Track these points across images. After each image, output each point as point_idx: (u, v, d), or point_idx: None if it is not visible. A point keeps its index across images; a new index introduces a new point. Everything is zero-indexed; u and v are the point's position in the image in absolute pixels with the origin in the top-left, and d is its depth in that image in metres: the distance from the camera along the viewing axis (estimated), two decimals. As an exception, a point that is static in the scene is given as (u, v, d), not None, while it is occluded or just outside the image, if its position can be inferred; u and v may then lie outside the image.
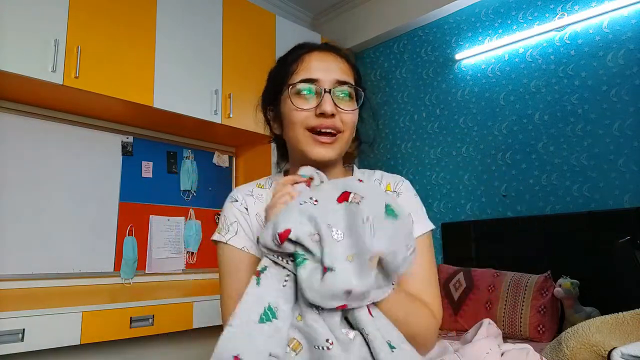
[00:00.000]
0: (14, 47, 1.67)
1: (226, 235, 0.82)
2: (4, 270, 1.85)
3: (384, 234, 0.59)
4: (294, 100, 0.77)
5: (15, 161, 1.94)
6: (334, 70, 0.79)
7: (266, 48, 2.59)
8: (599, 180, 2.02)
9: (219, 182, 2.71)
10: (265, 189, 0.89)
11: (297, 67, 0.79)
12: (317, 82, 0.77)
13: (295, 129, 0.78)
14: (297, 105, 0.77)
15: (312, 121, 0.76)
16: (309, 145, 0.77)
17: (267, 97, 0.88)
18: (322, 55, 0.81)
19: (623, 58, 2.00)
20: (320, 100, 0.76)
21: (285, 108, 0.80)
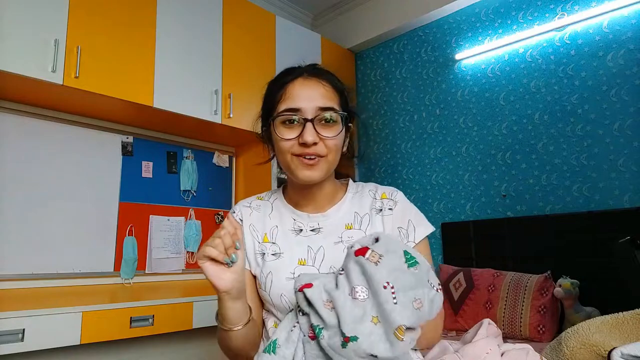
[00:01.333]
0: (14, 47, 1.66)
1: None
2: (4, 270, 1.85)
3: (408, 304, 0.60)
4: (279, 130, 0.82)
5: (15, 161, 1.94)
6: (316, 98, 0.81)
7: (266, 48, 2.59)
8: (599, 180, 2.02)
9: (219, 182, 2.71)
10: (264, 200, 0.95)
11: (281, 97, 0.83)
12: (299, 112, 0.80)
13: (283, 154, 0.83)
14: (281, 135, 0.81)
15: (296, 149, 0.81)
16: (296, 169, 0.82)
17: (261, 120, 0.92)
18: (305, 82, 0.83)
19: (623, 58, 2.00)
20: (302, 130, 0.79)
21: (273, 135, 0.84)
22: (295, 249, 0.86)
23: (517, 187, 2.29)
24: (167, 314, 1.87)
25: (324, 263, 0.84)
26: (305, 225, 0.89)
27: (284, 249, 0.86)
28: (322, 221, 0.89)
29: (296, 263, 0.84)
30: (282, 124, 0.82)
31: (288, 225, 0.89)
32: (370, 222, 0.88)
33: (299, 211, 0.90)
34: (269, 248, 0.87)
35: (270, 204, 0.94)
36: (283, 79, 0.86)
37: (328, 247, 0.85)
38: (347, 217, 0.89)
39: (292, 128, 0.81)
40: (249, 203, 0.94)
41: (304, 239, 0.87)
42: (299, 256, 0.85)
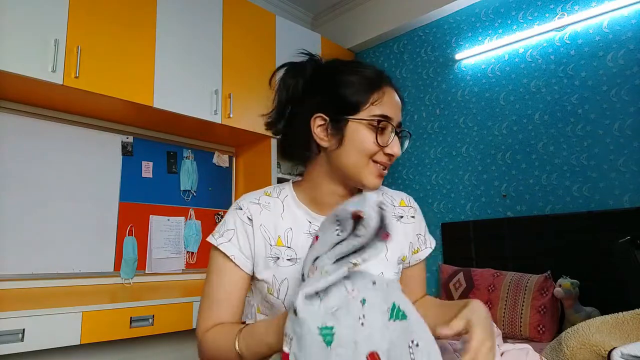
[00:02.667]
0: (14, 47, 1.67)
1: (219, 240, 0.84)
2: (4, 270, 1.85)
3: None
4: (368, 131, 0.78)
5: (15, 161, 1.94)
6: (400, 113, 0.82)
7: (266, 48, 2.59)
8: (599, 180, 2.02)
9: (219, 182, 2.71)
10: (273, 197, 0.87)
11: (378, 99, 0.79)
12: (391, 120, 0.79)
13: (359, 156, 0.78)
14: (377, 140, 0.77)
15: (380, 157, 0.79)
16: (369, 175, 0.79)
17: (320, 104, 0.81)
18: (394, 93, 0.82)
19: (623, 58, 2.00)
20: (391, 141, 0.79)
21: (357, 133, 0.78)
22: None
23: (517, 187, 2.29)
24: (167, 314, 1.87)
25: None
26: None
27: (300, 254, 0.81)
28: None
29: None
30: (371, 125, 0.77)
31: (303, 227, 0.83)
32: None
33: (315, 213, 0.84)
34: (284, 252, 0.81)
35: (280, 202, 0.87)
36: (379, 79, 0.81)
37: None
38: None
39: (382, 135, 0.78)
40: (257, 199, 0.86)
41: None
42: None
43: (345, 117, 0.78)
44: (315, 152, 0.84)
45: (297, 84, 0.85)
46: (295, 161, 0.90)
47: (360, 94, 0.78)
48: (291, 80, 0.85)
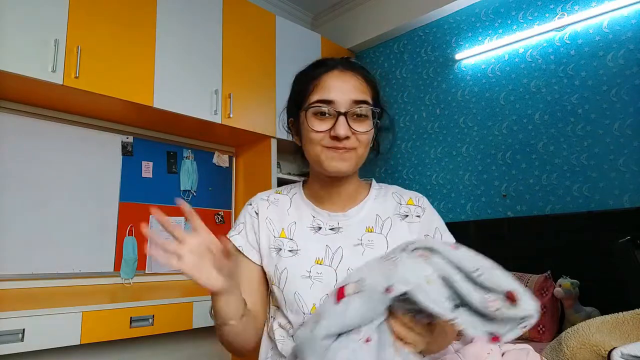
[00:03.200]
0: (14, 47, 1.66)
1: (231, 232, 0.91)
2: (4, 270, 1.85)
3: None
4: (310, 121, 0.80)
5: (15, 161, 1.94)
6: (351, 91, 0.80)
7: (266, 48, 2.59)
8: (599, 180, 2.02)
9: (219, 182, 2.71)
10: (283, 195, 0.94)
11: (314, 87, 0.81)
12: (332, 104, 0.79)
13: (312, 146, 0.81)
14: (312, 126, 0.79)
15: (327, 142, 0.79)
16: (326, 160, 0.80)
17: (289, 109, 0.91)
18: (340, 75, 0.81)
19: (623, 58, 2.00)
20: (335, 123, 0.78)
21: (303, 126, 0.82)
22: (313, 247, 0.83)
23: (517, 187, 2.29)
24: (167, 314, 1.87)
25: (341, 264, 0.81)
26: (325, 223, 0.86)
27: (301, 246, 0.84)
28: (343, 221, 0.86)
29: (313, 262, 0.82)
30: (314, 115, 0.80)
31: (307, 222, 0.87)
32: (392, 227, 0.86)
33: (319, 208, 0.88)
34: (285, 244, 0.85)
35: (289, 198, 0.92)
36: (316, 69, 0.83)
37: (347, 248, 0.83)
38: (368, 219, 0.87)
39: (324, 120, 0.79)
40: (267, 196, 0.93)
41: (322, 238, 0.84)
42: (317, 255, 0.83)
43: (297, 112, 0.85)
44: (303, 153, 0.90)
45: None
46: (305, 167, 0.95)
47: (302, 88, 0.83)
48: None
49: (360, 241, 0.84)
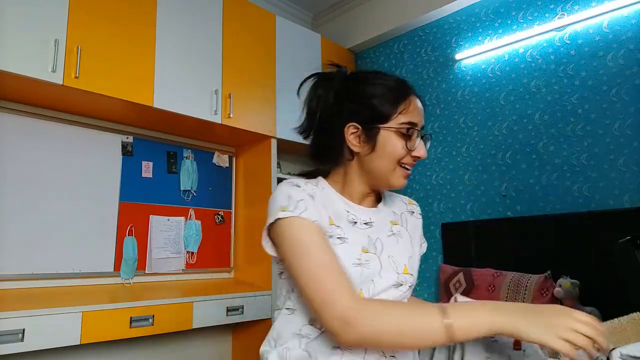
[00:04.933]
0: (14, 47, 1.67)
1: (296, 211, 0.80)
2: (4, 270, 1.85)
3: None
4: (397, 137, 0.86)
5: (15, 161, 1.94)
6: (423, 117, 0.91)
7: (266, 48, 2.59)
8: (599, 180, 2.02)
9: (219, 182, 2.71)
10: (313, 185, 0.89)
11: (405, 108, 0.87)
12: (417, 126, 0.88)
13: (388, 160, 0.87)
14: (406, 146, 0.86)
15: (407, 160, 0.88)
16: (396, 177, 0.89)
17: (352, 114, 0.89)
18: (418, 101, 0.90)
19: (623, 58, 2.00)
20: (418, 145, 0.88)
21: (388, 140, 0.87)
22: (357, 237, 0.87)
23: (517, 187, 2.29)
24: (167, 314, 1.87)
25: (383, 252, 0.88)
26: (359, 218, 0.90)
27: (348, 235, 0.86)
28: (373, 216, 0.92)
29: (360, 250, 0.86)
30: (400, 134, 0.86)
31: (343, 215, 0.89)
32: (408, 221, 0.99)
33: (352, 204, 0.92)
34: (334, 231, 0.85)
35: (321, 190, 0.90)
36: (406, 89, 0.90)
37: (384, 239, 0.90)
38: (390, 215, 0.96)
39: (410, 140, 0.86)
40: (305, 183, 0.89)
41: (360, 230, 0.89)
42: (362, 244, 0.87)
43: (377, 125, 0.87)
44: (347, 157, 0.92)
45: (327, 95, 0.92)
46: (325, 163, 0.96)
47: (390, 105, 0.87)
48: (321, 91, 0.93)
49: (392, 232, 0.93)
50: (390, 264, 0.87)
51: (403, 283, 0.88)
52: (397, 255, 0.89)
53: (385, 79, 0.91)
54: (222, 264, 2.63)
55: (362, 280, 0.83)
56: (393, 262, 0.88)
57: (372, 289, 0.84)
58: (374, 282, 0.84)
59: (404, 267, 0.89)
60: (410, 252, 0.93)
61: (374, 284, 0.84)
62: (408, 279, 0.89)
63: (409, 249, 0.94)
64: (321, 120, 0.93)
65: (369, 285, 0.84)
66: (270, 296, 2.33)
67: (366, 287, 0.83)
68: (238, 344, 2.54)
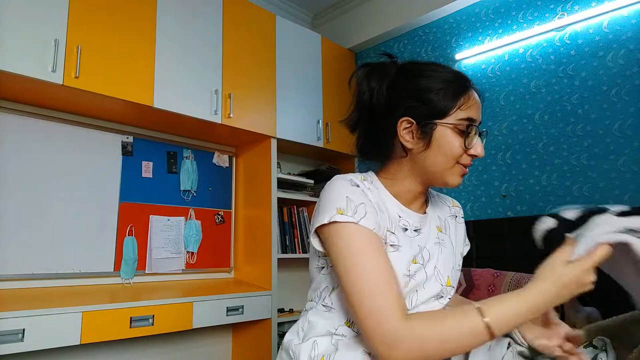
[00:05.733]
0: (14, 47, 1.67)
1: (355, 216, 0.76)
2: (4, 270, 1.85)
3: None
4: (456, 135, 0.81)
5: (15, 161, 1.94)
6: (480, 112, 0.85)
7: (266, 48, 2.59)
8: (599, 180, 2.02)
9: (219, 182, 2.71)
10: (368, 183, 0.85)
11: (464, 103, 0.81)
12: (475, 122, 0.82)
13: (447, 159, 0.82)
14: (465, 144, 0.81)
15: (465, 160, 0.83)
16: (453, 175, 0.83)
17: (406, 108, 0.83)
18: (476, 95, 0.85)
19: (623, 58, 2.00)
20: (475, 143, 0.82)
21: (444, 137, 0.81)
22: (409, 245, 0.83)
23: (517, 187, 2.29)
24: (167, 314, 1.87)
25: (429, 263, 0.84)
26: (410, 224, 0.85)
27: (401, 242, 0.82)
28: (422, 222, 0.88)
29: (410, 260, 0.81)
30: (457, 129, 0.80)
31: (395, 220, 0.84)
32: (450, 227, 0.95)
33: (406, 208, 0.87)
34: (389, 237, 0.81)
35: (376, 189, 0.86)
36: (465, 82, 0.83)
37: (431, 248, 0.86)
38: (436, 220, 0.92)
39: (468, 138, 0.81)
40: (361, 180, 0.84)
41: (410, 238, 0.84)
42: (413, 254, 0.82)
43: (434, 121, 0.81)
44: (399, 153, 0.86)
45: (381, 87, 0.85)
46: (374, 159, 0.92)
47: (448, 99, 0.81)
48: (375, 83, 0.86)
49: (438, 240, 0.89)
50: (435, 275, 0.84)
51: (444, 295, 0.85)
52: (442, 266, 0.86)
53: (443, 71, 0.84)
54: (222, 264, 2.63)
55: (408, 291, 0.80)
56: (438, 274, 0.85)
57: (414, 300, 0.81)
58: (417, 293, 0.81)
59: (447, 279, 0.86)
60: (453, 263, 0.90)
61: (417, 295, 0.81)
62: (450, 292, 0.86)
63: (452, 259, 0.90)
64: (373, 114, 0.86)
65: (413, 296, 0.81)
66: (270, 296, 2.33)
67: (409, 299, 0.81)
68: (238, 344, 2.54)
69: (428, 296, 0.82)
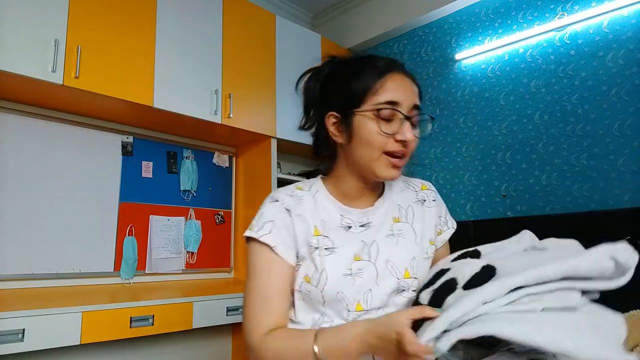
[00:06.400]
0: (14, 47, 1.66)
1: (258, 232, 0.82)
2: (4, 270, 1.85)
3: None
4: (375, 122, 0.77)
5: (15, 161, 1.94)
6: (411, 95, 0.79)
7: (266, 48, 2.59)
8: (599, 180, 2.02)
9: (219, 182, 2.71)
10: (305, 191, 0.88)
11: (381, 87, 0.78)
12: (398, 106, 0.77)
13: (372, 149, 0.78)
14: (382, 129, 0.77)
15: (392, 146, 0.78)
16: (381, 167, 0.79)
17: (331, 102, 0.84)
18: (403, 77, 0.80)
19: (623, 58, 2.00)
20: (402, 127, 0.77)
21: (364, 126, 0.78)
22: (349, 244, 0.82)
23: (517, 187, 2.29)
24: (167, 314, 1.86)
25: (379, 257, 0.82)
26: (355, 221, 0.85)
27: (337, 244, 0.82)
28: (371, 215, 0.86)
29: (352, 259, 0.81)
30: (378, 117, 0.77)
31: (335, 221, 0.84)
32: (415, 214, 0.90)
33: (347, 206, 0.86)
34: (320, 242, 0.81)
35: (312, 196, 0.87)
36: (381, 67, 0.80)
37: (381, 241, 0.84)
38: (392, 210, 0.89)
39: (390, 123, 0.77)
40: (291, 192, 0.87)
41: (355, 235, 0.83)
42: (355, 252, 0.81)
43: (352, 110, 0.79)
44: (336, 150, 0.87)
45: (315, 87, 0.88)
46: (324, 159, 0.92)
47: (363, 86, 0.79)
48: (310, 84, 0.89)
49: (392, 231, 0.85)
50: (389, 269, 0.81)
51: (406, 288, 0.81)
52: (397, 259, 0.82)
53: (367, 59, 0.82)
54: (222, 264, 2.63)
55: (356, 290, 0.79)
56: (392, 268, 0.81)
57: (370, 299, 0.79)
58: (372, 291, 0.79)
59: (406, 271, 0.82)
60: (415, 253, 0.84)
61: (372, 293, 0.79)
62: (412, 284, 0.82)
63: (413, 249, 0.85)
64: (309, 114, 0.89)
65: (367, 296, 0.79)
66: (270, 296, 2.33)
67: (363, 298, 0.79)
68: (238, 344, 2.54)
69: (386, 292, 0.80)
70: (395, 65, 0.82)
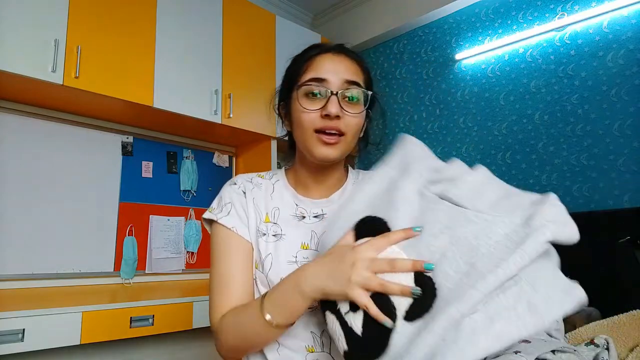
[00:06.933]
0: (14, 47, 1.67)
1: (218, 215, 0.85)
2: (4, 270, 1.85)
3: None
4: (302, 101, 0.78)
5: (15, 161, 1.94)
6: (343, 71, 0.78)
7: (266, 48, 2.59)
8: (599, 180, 2.02)
9: (219, 182, 2.70)
10: (265, 179, 0.91)
11: (307, 67, 0.80)
12: (325, 83, 0.77)
13: (303, 129, 0.79)
14: (304, 106, 0.77)
15: (318, 122, 0.77)
16: (315, 146, 0.78)
17: (280, 94, 0.88)
18: (333, 57, 0.81)
19: (623, 58, 2.00)
20: (326, 102, 0.76)
21: (294, 108, 0.80)
22: (298, 233, 0.83)
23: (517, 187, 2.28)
24: (167, 314, 1.87)
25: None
26: (308, 211, 0.85)
27: (285, 231, 0.83)
28: (326, 207, 0.86)
29: (299, 247, 0.81)
30: (305, 95, 0.78)
31: (290, 210, 0.86)
32: None
33: (302, 196, 0.87)
34: (270, 228, 0.83)
35: (271, 184, 0.90)
36: (310, 51, 0.83)
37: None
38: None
39: (316, 100, 0.77)
40: (250, 179, 0.90)
41: (307, 225, 0.84)
42: (302, 240, 0.82)
43: (289, 96, 0.83)
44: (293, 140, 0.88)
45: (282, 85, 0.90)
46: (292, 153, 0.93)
47: (295, 69, 0.82)
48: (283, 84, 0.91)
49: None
50: None
51: None
52: None
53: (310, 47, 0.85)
54: (222, 264, 2.63)
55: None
56: None
57: None
58: None
59: None
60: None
61: None
62: None
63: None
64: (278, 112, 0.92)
65: None
66: (270, 296, 2.33)
67: None
68: (238, 344, 2.54)
69: None
70: (327, 46, 0.83)
